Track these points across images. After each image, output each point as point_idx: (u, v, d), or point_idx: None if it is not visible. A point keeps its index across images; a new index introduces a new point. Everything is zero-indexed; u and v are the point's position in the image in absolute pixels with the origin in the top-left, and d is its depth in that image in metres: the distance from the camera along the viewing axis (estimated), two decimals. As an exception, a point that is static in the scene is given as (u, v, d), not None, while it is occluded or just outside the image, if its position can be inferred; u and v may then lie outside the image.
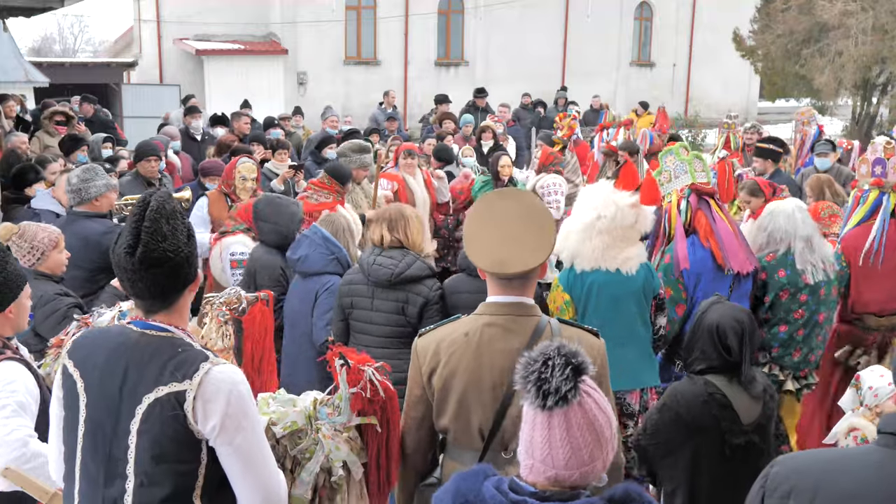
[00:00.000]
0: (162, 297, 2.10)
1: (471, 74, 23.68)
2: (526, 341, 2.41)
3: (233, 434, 2.04)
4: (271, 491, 2.16)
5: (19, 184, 5.89)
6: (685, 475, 3.00)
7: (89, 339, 2.18)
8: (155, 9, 22.27)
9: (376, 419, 2.65)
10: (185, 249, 2.09)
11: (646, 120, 15.39)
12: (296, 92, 22.19)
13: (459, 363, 2.46)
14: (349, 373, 2.63)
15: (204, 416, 2.01)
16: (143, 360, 2.05)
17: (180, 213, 2.14)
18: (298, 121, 12.60)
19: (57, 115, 8.98)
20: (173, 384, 2.01)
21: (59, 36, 53.54)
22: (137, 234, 2.03)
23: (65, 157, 7.31)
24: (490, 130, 10.06)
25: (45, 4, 8.65)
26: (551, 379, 1.70)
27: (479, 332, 2.46)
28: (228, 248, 4.92)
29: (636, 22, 26.87)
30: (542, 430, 1.72)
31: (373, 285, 3.94)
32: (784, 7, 17.22)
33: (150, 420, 2.01)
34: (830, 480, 1.72)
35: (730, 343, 2.97)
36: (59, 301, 3.75)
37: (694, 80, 27.40)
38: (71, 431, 2.12)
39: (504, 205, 2.50)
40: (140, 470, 2.02)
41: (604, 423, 1.74)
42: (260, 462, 2.13)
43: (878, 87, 17.71)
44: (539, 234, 2.44)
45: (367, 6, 23.18)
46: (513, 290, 2.47)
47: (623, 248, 3.92)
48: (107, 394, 2.06)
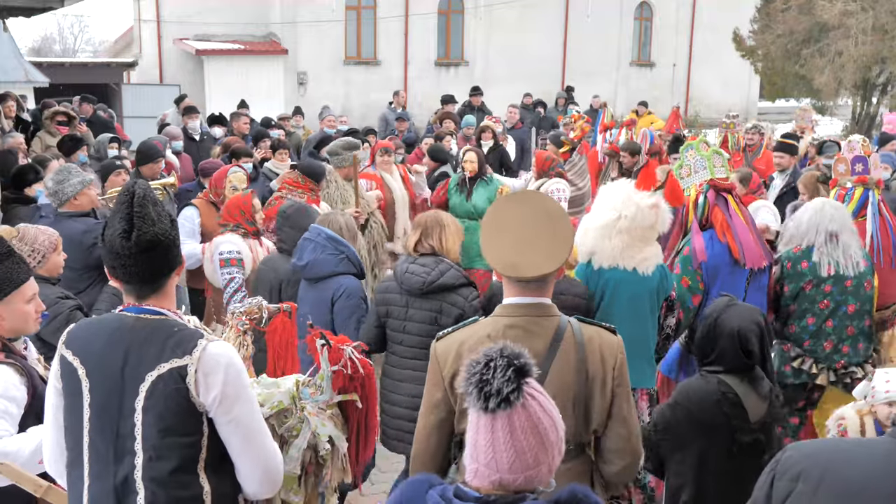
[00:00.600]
0: (153, 280, 2.21)
1: (471, 74, 23.67)
2: (548, 342, 2.43)
3: (232, 404, 2.16)
4: (270, 462, 2.27)
5: (19, 184, 5.89)
6: (693, 472, 3.05)
7: (85, 328, 2.26)
8: (155, 9, 22.26)
9: (356, 395, 2.81)
10: (172, 232, 2.23)
11: (646, 120, 15.39)
12: (296, 92, 22.18)
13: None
14: (330, 352, 2.77)
15: (205, 389, 2.13)
16: (142, 342, 2.16)
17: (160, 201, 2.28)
18: (298, 121, 12.60)
19: (58, 115, 8.97)
20: (174, 360, 2.13)
21: (59, 36, 53.55)
22: (130, 220, 2.14)
23: (65, 158, 7.29)
24: (490, 130, 10.05)
25: (45, 4, 8.65)
26: (493, 381, 1.67)
27: (501, 333, 2.43)
28: (217, 248, 4.79)
29: (636, 22, 26.86)
30: (485, 433, 1.70)
31: (406, 294, 3.87)
32: (784, 7, 17.22)
33: (155, 396, 2.12)
34: (838, 468, 1.75)
35: (752, 347, 3.05)
36: (62, 304, 3.75)
37: (694, 80, 27.39)
38: (76, 417, 2.19)
39: (520, 208, 2.49)
40: (148, 445, 2.12)
41: (548, 427, 1.71)
42: (258, 434, 2.25)
43: (878, 87, 17.71)
44: (554, 239, 2.43)
45: (367, 6, 23.18)
46: (531, 292, 2.46)
47: (641, 248, 3.99)
48: (109, 377, 2.15)
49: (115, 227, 2.14)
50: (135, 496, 2.13)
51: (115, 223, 2.15)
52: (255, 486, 2.28)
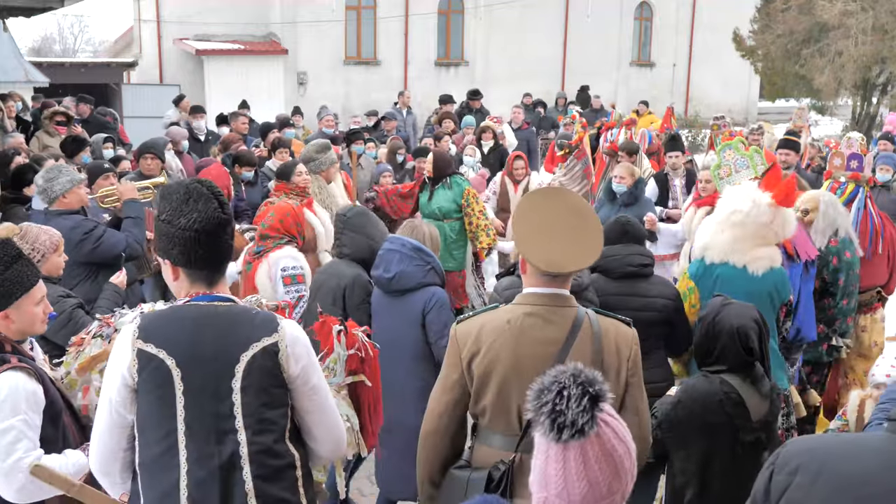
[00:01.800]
0: (223, 263, 2.34)
1: (471, 74, 23.67)
2: (566, 332, 2.50)
3: (311, 375, 2.35)
4: (340, 429, 2.48)
5: (18, 184, 5.89)
6: (697, 471, 3.06)
7: (161, 321, 2.28)
8: (155, 9, 22.26)
9: (364, 375, 2.98)
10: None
11: (646, 119, 15.39)
12: (296, 92, 22.18)
13: (501, 350, 2.52)
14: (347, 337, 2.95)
15: (295, 361, 2.29)
16: (229, 325, 2.27)
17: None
18: (298, 121, 12.61)
19: (57, 115, 8.98)
20: (264, 339, 2.26)
21: (59, 36, 53.55)
22: (218, 199, 2.28)
23: (67, 159, 7.29)
24: (490, 130, 10.06)
25: (45, 4, 8.65)
26: (567, 411, 1.57)
27: (520, 320, 2.52)
28: (277, 265, 4.32)
29: (636, 22, 26.86)
30: (556, 462, 1.61)
31: None
32: (784, 7, 17.22)
33: (252, 374, 2.24)
34: (835, 462, 1.77)
35: (752, 345, 3.06)
36: (64, 303, 3.77)
37: (694, 80, 27.39)
38: (165, 409, 2.20)
39: (551, 204, 2.57)
40: (250, 421, 2.23)
41: (623, 454, 1.63)
42: (331, 403, 2.45)
43: (878, 87, 17.71)
44: (587, 233, 2.52)
45: (367, 6, 23.18)
46: (553, 283, 2.54)
47: (754, 245, 3.94)
48: (202, 363, 2.22)
49: (203, 209, 2.24)
50: (241, 472, 2.21)
51: (201, 206, 2.24)
52: (328, 450, 2.47)
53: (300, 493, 2.33)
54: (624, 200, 6.42)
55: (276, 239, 4.42)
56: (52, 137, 8.71)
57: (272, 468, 2.26)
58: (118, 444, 2.26)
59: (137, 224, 4.95)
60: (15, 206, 5.74)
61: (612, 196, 6.52)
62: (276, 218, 4.48)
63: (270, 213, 4.54)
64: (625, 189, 6.41)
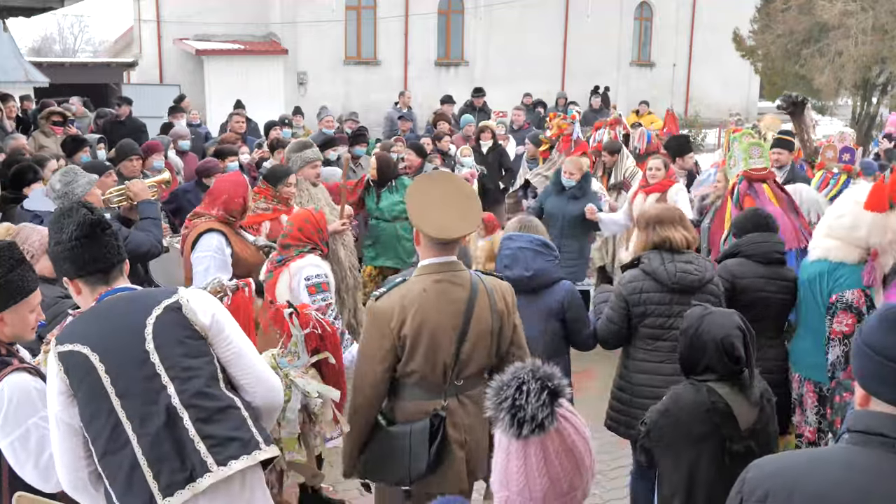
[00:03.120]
0: (116, 261, 2.50)
1: (471, 74, 23.67)
2: (469, 292, 2.99)
3: (224, 325, 2.49)
4: (266, 376, 2.55)
5: (18, 183, 5.89)
6: (683, 481, 2.98)
7: (71, 325, 2.47)
8: (155, 9, 22.26)
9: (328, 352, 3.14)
10: (107, 220, 2.59)
11: (646, 119, 15.38)
12: (296, 92, 22.18)
13: (427, 313, 2.92)
14: (299, 318, 3.09)
15: (202, 313, 2.45)
16: (131, 304, 2.44)
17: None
18: (298, 121, 12.60)
19: (54, 115, 8.98)
20: (164, 301, 2.44)
21: (59, 36, 53.55)
22: (87, 207, 2.48)
23: (67, 159, 7.30)
24: (489, 130, 10.06)
25: (45, 4, 8.65)
26: (526, 406, 1.58)
27: (433, 287, 2.96)
28: (300, 274, 4.14)
29: (636, 22, 26.87)
30: (517, 459, 1.61)
31: (671, 292, 3.80)
32: (784, 7, 17.21)
33: (161, 332, 2.38)
34: (803, 482, 1.73)
35: (738, 354, 2.97)
36: (62, 304, 3.75)
37: (694, 80, 27.39)
38: (99, 393, 2.30)
39: (440, 186, 3.06)
40: (173, 373, 2.34)
41: (583, 450, 1.64)
42: (252, 351, 2.56)
43: (878, 87, 17.68)
44: (469, 209, 3.01)
45: (367, 6, 23.17)
46: (446, 252, 3.01)
47: (840, 246, 3.98)
48: (117, 343, 2.36)
49: (75, 218, 2.44)
50: (182, 420, 2.30)
51: (73, 217, 2.44)
52: (260, 397, 2.52)
53: (251, 430, 2.39)
54: (572, 193, 6.85)
55: (298, 247, 4.22)
56: (48, 137, 8.72)
57: (210, 409, 2.34)
58: (75, 454, 2.34)
59: (156, 224, 5.02)
60: (15, 207, 5.74)
61: (560, 189, 6.90)
62: (294, 226, 4.27)
63: (290, 221, 4.37)
64: (573, 183, 6.85)
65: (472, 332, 2.97)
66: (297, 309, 3.15)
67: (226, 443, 2.31)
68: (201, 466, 2.26)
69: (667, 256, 3.85)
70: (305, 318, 3.15)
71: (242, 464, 2.30)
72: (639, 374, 3.88)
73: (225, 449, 2.30)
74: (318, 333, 3.16)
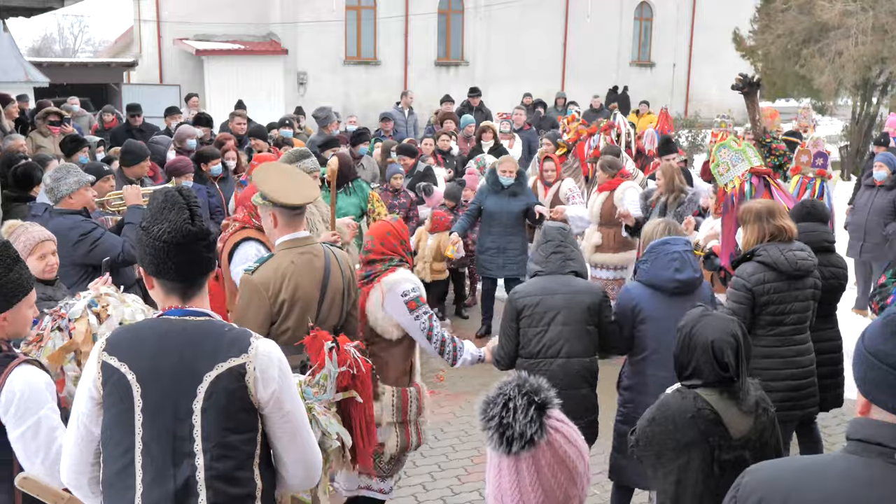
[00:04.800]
0: (201, 275, 2.28)
1: (471, 74, 23.68)
2: (324, 260, 3.51)
3: (284, 401, 2.24)
4: (313, 455, 2.39)
5: (25, 184, 5.92)
6: (672, 487, 2.92)
7: (128, 334, 2.25)
8: (155, 9, 22.27)
9: (356, 392, 3.04)
10: (211, 229, 2.37)
11: (646, 119, 15.40)
12: (296, 92, 22.18)
13: (299, 280, 3.40)
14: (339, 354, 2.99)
15: (263, 386, 2.19)
16: (196, 343, 2.18)
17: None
18: (300, 121, 12.62)
19: (51, 115, 8.99)
20: (231, 359, 2.17)
21: (59, 36, 53.54)
22: (189, 209, 2.24)
23: (66, 158, 7.32)
24: (490, 130, 10.06)
25: (45, 4, 8.63)
26: (514, 423, 1.57)
27: (299, 259, 3.45)
28: (394, 290, 3.87)
29: (636, 22, 26.87)
30: (509, 475, 1.60)
31: (787, 278, 4.17)
32: (784, 7, 17.20)
33: (215, 396, 2.15)
34: (800, 490, 1.70)
35: (727, 360, 2.88)
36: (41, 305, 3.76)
37: (694, 80, 27.40)
38: (125, 426, 2.15)
39: (279, 165, 3.80)
40: (209, 445, 2.14)
41: (575, 457, 1.62)
42: (305, 430, 2.35)
43: (878, 87, 17.67)
44: (307, 181, 3.63)
45: (367, 6, 23.18)
46: (298, 227, 3.51)
47: None
48: (164, 380, 2.15)
49: (174, 219, 2.21)
50: (196, 498, 2.13)
51: (172, 216, 2.21)
52: (299, 480, 2.37)
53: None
54: (512, 191, 7.14)
55: (384, 261, 3.99)
56: (45, 137, 8.72)
57: (229, 496, 2.16)
58: (85, 457, 2.24)
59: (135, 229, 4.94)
60: (18, 206, 5.75)
61: (499, 187, 7.15)
62: (375, 241, 4.00)
63: (370, 236, 4.13)
64: (511, 181, 7.13)
65: (329, 293, 3.52)
66: (339, 344, 3.00)
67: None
68: None
69: (783, 247, 4.19)
70: (344, 356, 3.00)
71: None
72: (762, 359, 4.19)
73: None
74: (353, 373, 3.01)
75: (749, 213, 4.38)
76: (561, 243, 4.13)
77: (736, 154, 5.21)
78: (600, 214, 7.16)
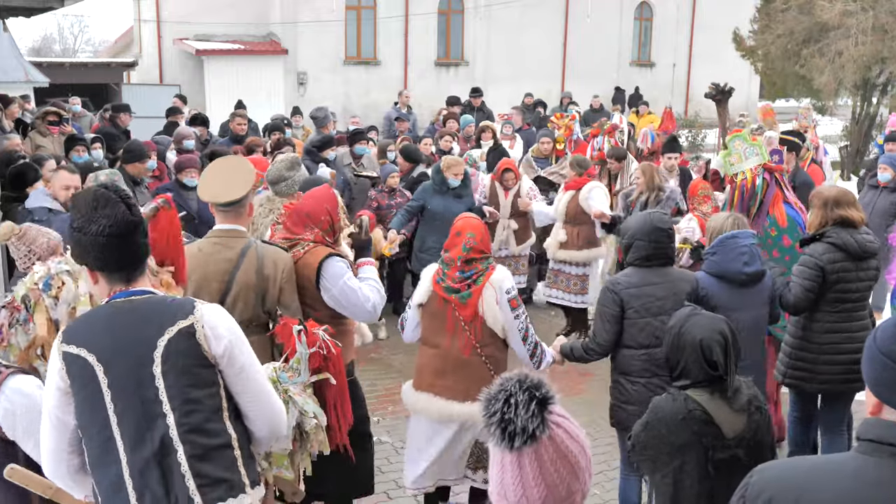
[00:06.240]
0: (141, 261, 2.41)
1: (471, 74, 23.67)
2: (237, 254, 3.60)
3: (237, 355, 2.39)
4: (273, 411, 2.50)
5: (19, 184, 5.91)
6: (670, 489, 2.91)
7: (82, 323, 2.41)
8: (155, 9, 22.27)
9: (330, 374, 3.20)
10: (141, 217, 2.50)
11: (646, 119, 15.39)
12: (296, 92, 22.18)
13: (196, 267, 3.53)
14: (308, 336, 3.14)
15: (215, 341, 2.34)
16: (145, 316, 2.33)
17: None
18: (298, 121, 12.61)
19: (49, 115, 8.98)
20: (179, 322, 2.32)
21: (59, 36, 53.58)
22: (125, 202, 2.35)
23: (65, 158, 7.32)
24: (490, 130, 10.05)
25: (45, 4, 8.62)
26: (516, 419, 1.59)
27: (207, 247, 3.64)
28: (502, 287, 3.90)
29: (636, 22, 26.88)
30: (512, 470, 1.62)
31: (855, 259, 4.45)
32: (784, 7, 17.19)
33: (171, 357, 2.29)
34: (811, 489, 1.69)
35: (716, 358, 2.89)
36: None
37: (694, 80, 27.38)
38: (96, 406, 2.27)
39: (218, 164, 3.84)
40: (176, 403, 2.28)
41: (578, 453, 1.64)
42: (263, 385, 2.49)
43: (878, 87, 17.67)
44: (235, 181, 3.64)
45: (367, 6, 23.18)
46: (228, 220, 3.66)
47: None
48: (123, 356, 2.29)
49: (112, 213, 2.31)
50: (175, 454, 2.26)
51: (108, 211, 2.31)
52: (265, 433, 2.49)
53: (240, 472, 2.36)
54: (457, 192, 7.30)
55: (485, 259, 3.98)
56: (44, 137, 8.71)
57: (206, 447, 2.29)
58: (60, 446, 2.33)
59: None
60: (15, 206, 5.75)
61: (445, 188, 7.30)
62: (477, 237, 3.97)
63: (469, 233, 4.01)
64: (458, 183, 7.28)
65: (236, 287, 3.58)
66: (306, 327, 3.14)
67: (215, 484, 2.29)
68: (186, 502, 2.25)
69: (851, 231, 4.47)
70: (313, 338, 3.14)
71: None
72: (825, 334, 4.51)
73: (213, 490, 2.28)
74: (323, 354, 3.15)
75: (818, 197, 4.67)
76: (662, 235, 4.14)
77: (750, 147, 5.44)
78: (566, 213, 7.29)
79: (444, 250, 4.11)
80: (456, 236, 4.05)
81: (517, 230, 7.62)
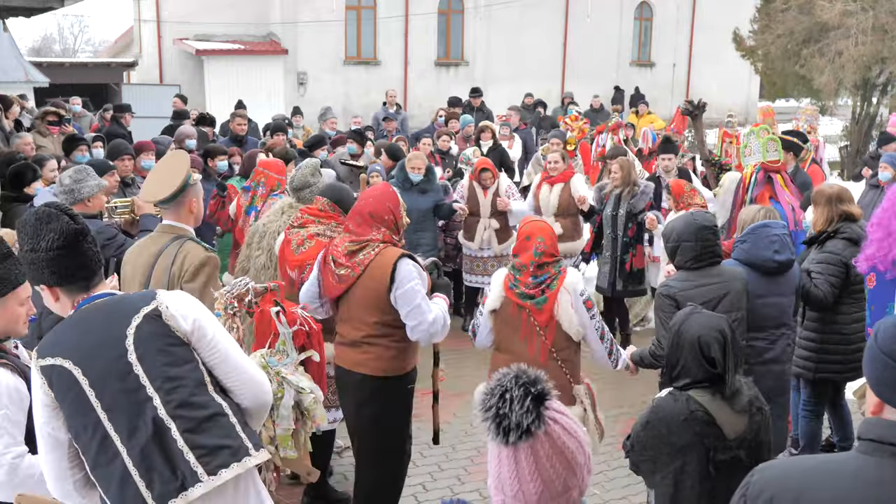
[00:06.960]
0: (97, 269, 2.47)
1: (471, 74, 23.68)
2: (159, 250, 3.65)
3: (206, 328, 2.44)
4: (251, 379, 2.51)
5: (18, 183, 5.91)
6: (670, 490, 2.90)
7: (52, 335, 2.42)
8: (155, 9, 22.27)
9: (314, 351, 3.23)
10: (84, 226, 2.53)
11: (646, 119, 15.39)
12: (296, 92, 22.19)
13: (127, 258, 3.77)
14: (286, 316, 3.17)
15: (184, 319, 2.40)
16: (111, 313, 2.39)
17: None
18: (298, 121, 12.61)
19: (49, 115, 8.98)
20: (143, 309, 2.38)
21: (59, 36, 53.58)
22: (67, 214, 2.42)
23: (66, 158, 7.31)
24: (489, 130, 10.05)
25: (45, 4, 8.64)
26: (511, 414, 1.60)
27: (144, 241, 3.78)
28: (576, 289, 3.90)
29: (636, 22, 26.87)
30: (508, 465, 1.63)
31: None
32: (784, 7, 17.19)
33: (142, 342, 2.34)
34: (811, 489, 1.69)
35: (714, 356, 2.86)
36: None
37: (694, 80, 27.38)
38: (84, 406, 2.29)
39: (161, 163, 4.00)
40: (158, 384, 2.31)
41: (575, 449, 1.65)
42: (240, 357, 2.52)
43: (878, 87, 17.67)
44: (168, 181, 3.69)
45: (367, 6, 23.18)
46: (168, 216, 3.75)
47: None
48: (96, 353, 2.32)
49: (57, 227, 2.37)
50: (170, 432, 2.28)
51: (53, 225, 2.37)
52: (250, 401, 2.50)
53: (241, 437, 2.37)
54: (421, 188, 7.25)
55: (555, 263, 3.95)
56: (44, 137, 8.71)
57: (197, 419, 2.32)
58: (61, 465, 2.35)
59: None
60: (16, 206, 5.74)
61: (408, 184, 7.21)
62: (547, 241, 3.93)
63: (538, 237, 3.95)
64: (420, 178, 7.23)
65: (153, 280, 3.64)
66: (283, 307, 3.20)
67: (215, 451, 2.30)
68: (192, 476, 2.26)
69: (859, 225, 4.65)
70: (292, 317, 3.21)
71: (233, 472, 2.30)
72: (852, 324, 4.70)
73: (214, 458, 2.29)
74: (305, 331, 3.21)
75: (821, 195, 4.79)
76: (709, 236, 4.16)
77: (759, 144, 5.58)
78: (558, 205, 7.36)
79: (514, 255, 4.05)
80: (525, 240, 3.97)
81: (498, 229, 7.56)
